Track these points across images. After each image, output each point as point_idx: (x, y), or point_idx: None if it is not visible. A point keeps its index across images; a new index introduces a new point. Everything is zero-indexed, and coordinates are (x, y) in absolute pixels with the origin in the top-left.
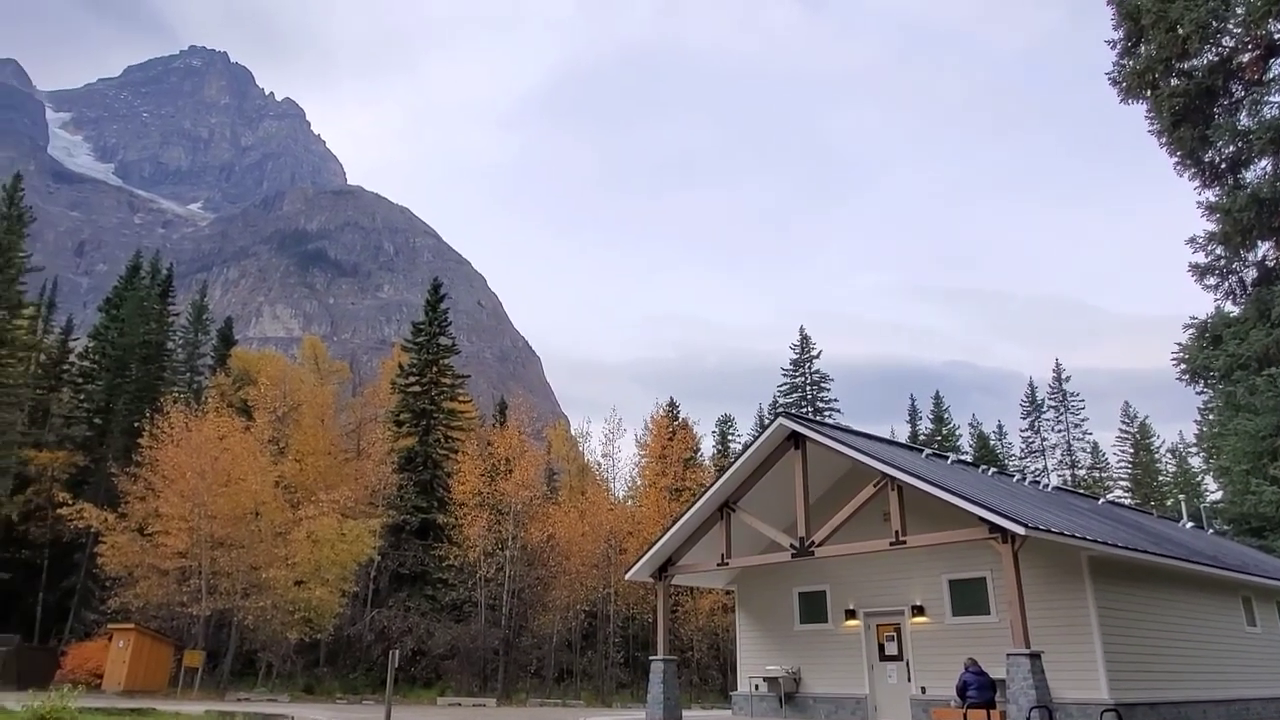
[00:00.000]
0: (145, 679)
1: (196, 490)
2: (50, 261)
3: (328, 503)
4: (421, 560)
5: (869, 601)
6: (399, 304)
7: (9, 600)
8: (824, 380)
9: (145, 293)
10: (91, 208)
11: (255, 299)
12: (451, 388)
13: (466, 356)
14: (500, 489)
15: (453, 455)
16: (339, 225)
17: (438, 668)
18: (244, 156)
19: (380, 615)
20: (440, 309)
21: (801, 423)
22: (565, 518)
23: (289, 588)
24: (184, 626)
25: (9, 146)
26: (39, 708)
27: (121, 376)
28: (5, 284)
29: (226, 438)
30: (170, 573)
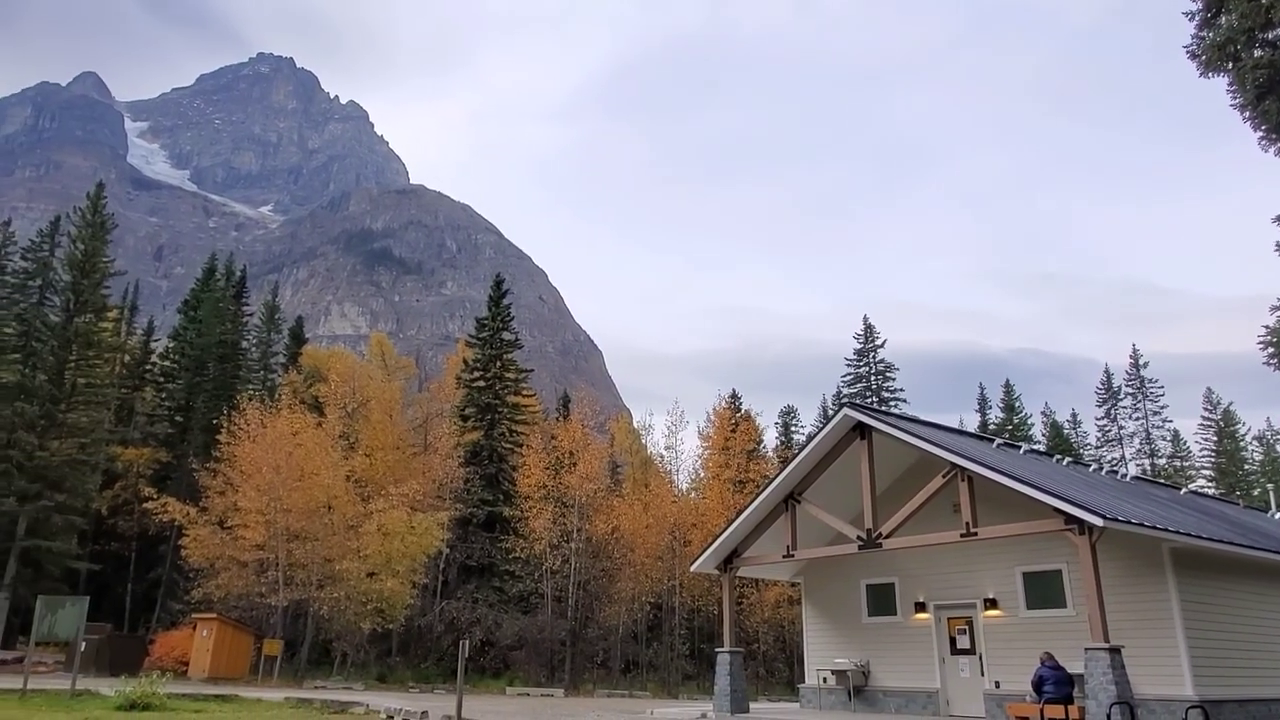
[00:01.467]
0: (228, 666)
1: (272, 484)
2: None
3: (397, 496)
4: (488, 553)
5: (939, 594)
6: (462, 300)
7: (100, 591)
8: (889, 369)
9: (220, 294)
10: (169, 213)
11: (324, 298)
12: (515, 382)
13: (529, 351)
14: (564, 482)
15: (517, 449)
16: (403, 224)
17: (506, 658)
18: (311, 159)
19: (449, 606)
20: (502, 304)
21: (867, 413)
22: (629, 510)
23: (361, 579)
24: (263, 616)
25: (91, 156)
26: (131, 693)
27: (200, 375)
28: (91, 289)
29: (299, 433)
30: (249, 564)
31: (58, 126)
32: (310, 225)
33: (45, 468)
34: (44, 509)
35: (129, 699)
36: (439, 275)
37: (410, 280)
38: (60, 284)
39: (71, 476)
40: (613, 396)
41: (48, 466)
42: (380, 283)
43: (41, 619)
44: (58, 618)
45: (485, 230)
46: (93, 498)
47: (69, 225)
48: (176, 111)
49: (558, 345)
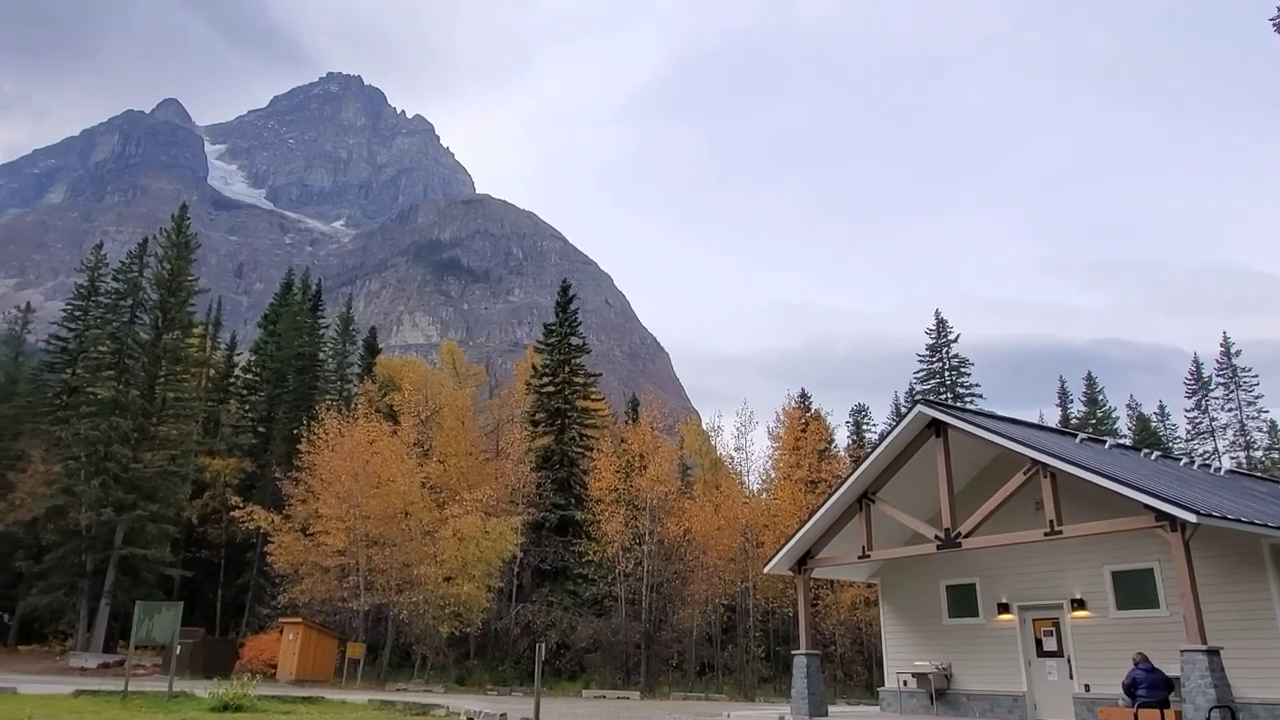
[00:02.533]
0: (314, 669)
1: (351, 492)
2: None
3: (471, 501)
4: (561, 556)
5: (1023, 595)
6: (529, 306)
7: (193, 596)
8: (963, 365)
9: (297, 308)
10: (247, 231)
11: (396, 308)
12: (584, 386)
13: (597, 355)
14: (635, 485)
15: (588, 453)
16: (470, 233)
17: (581, 661)
18: (380, 174)
19: (525, 610)
20: (570, 310)
21: (941, 409)
22: (700, 512)
23: (439, 584)
24: (346, 620)
25: (175, 180)
26: (223, 695)
27: (280, 387)
28: (177, 306)
29: (376, 442)
30: (331, 570)
31: (143, 152)
32: (381, 238)
33: (139, 479)
34: (139, 518)
35: (222, 700)
36: (506, 283)
37: (478, 289)
38: (149, 303)
39: (164, 487)
40: (681, 399)
41: (141, 478)
42: (449, 292)
43: (140, 624)
44: (155, 622)
45: (550, 237)
46: (184, 507)
47: (156, 246)
48: (252, 133)
49: (625, 349)
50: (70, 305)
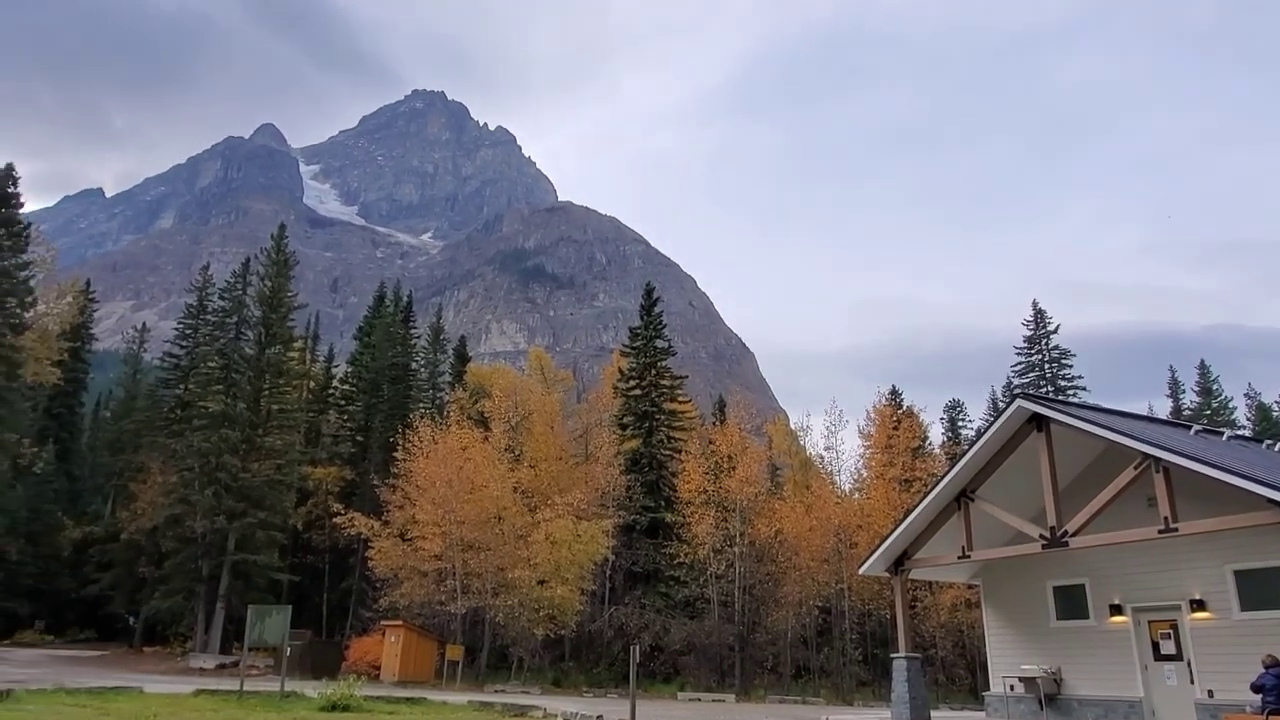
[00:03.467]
0: (415, 670)
1: (446, 498)
2: (311, 298)
3: (562, 505)
4: (653, 559)
5: (1137, 595)
6: (614, 311)
7: (300, 600)
8: (1064, 356)
9: (390, 320)
10: (341, 247)
11: (484, 317)
12: (670, 389)
13: (682, 357)
14: (724, 486)
15: (676, 455)
16: (554, 241)
17: (675, 663)
18: (465, 186)
19: (618, 612)
20: (654, 313)
21: (1042, 403)
22: (791, 513)
23: (533, 587)
24: (444, 623)
25: (273, 201)
26: (331, 695)
27: (376, 397)
28: (279, 322)
29: (468, 448)
30: (429, 574)
31: (243, 176)
32: (468, 248)
33: (248, 488)
34: (249, 525)
35: (330, 700)
36: (591, 288)
37: (564, 295)
38: (253, 319)
39: (270, 495)
40: (768, 399)
41: (250, 487)
42: (535, 299)
43: (252, 626)
44: (266, 625)
45: (633, 241)
46: (290, 514)
47: (257, 265)
48: (344, 152)
49: (710, 350)
50: (181, 324)
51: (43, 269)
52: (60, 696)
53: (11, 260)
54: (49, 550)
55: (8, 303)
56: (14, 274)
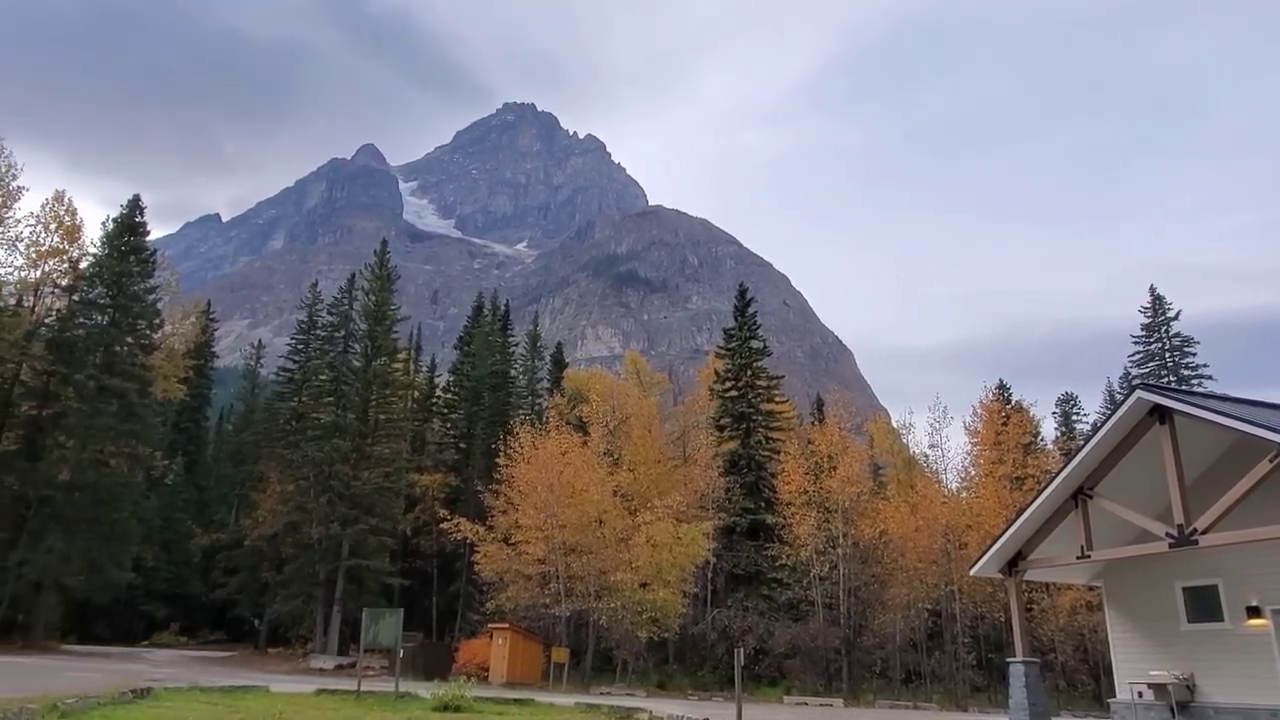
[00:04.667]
0: (522, 672)
1: (547, 502)
2: (413, 310)
3: (662, 508)
4: (754, 560)
5: (1277, 596)
6: (708, 313)
7: (410, 603)
8: (1186, 344)
9: (488, 329)
10: (440, 260)
11: (579, 323)
12: (767, 389)
13: (778, 357)
14: (825, 487)
15: (775, 456)
16: (646, 245)
17: (780, 666)
18: (557, 194)
19: (721, 615)
20: (748, 313)
21: (1164, 394)
22: (896, 513)
23: (635, 589)
24: (549, 625)
25: (375, 218)
26: (443, 696)
27: (477, 405)
28: (383, 334)
29: (568, 453)
30: (533, 577)
31: (347, 196)
32: (561, 256)
33: (359, 495)
34: (361, 532)
35: (442, 701)
36: (684, 291)
37: (657, 298)
38: (359, 333)
39: (380, 502)
40: (868, 397)
41: (361, 494)
42: (629, 303)
43: (368, 629)
44: (380, 627)
45: (724, 242)
46: (399, 520)
47: (362, 281)
48: (440, 168)
49: (806, 349)
50: (293, 340)
51: (168, 292)
52: (195, 695)
53: (141, 285)
54: (181, 557)
55: (138, 325)
56: (143, 298)
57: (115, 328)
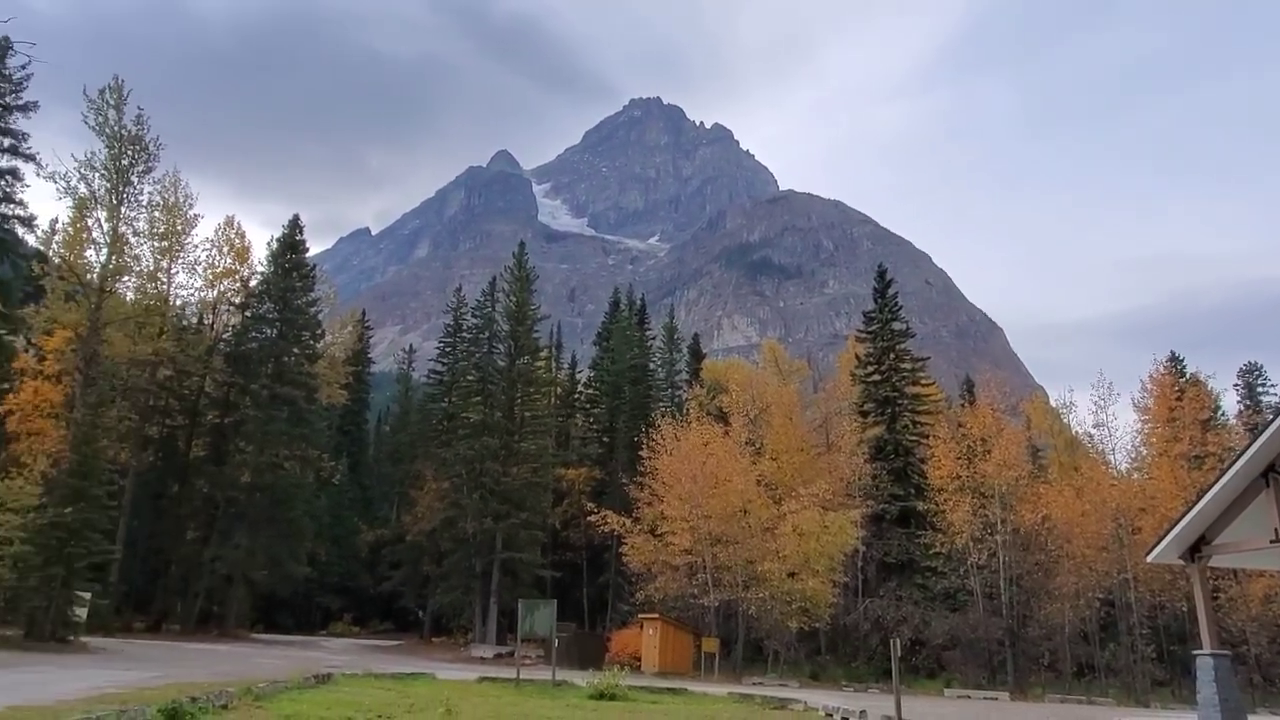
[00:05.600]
0: (673, 662)
1: (691, 493)
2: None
3: (807, 496)
4: (906, 548)
5: None
6: (845, 296)
7: (562, 594)
8: None
9: (626, 324)
10: (575, 258)
11: (714, 313)
12: (911, 372)
13: (922, 338)
14: (980, 471)
15: (923, 440)
16: (778, 231)
17: (939, 658)
18: (687, 186)
19: (873, 605)
20: (888, 295)
21: None
22: (1059, 497)
23: (783, 579)
24: (698, 615)
25: (512, 222)
26: (598, 684)
27: (618, 399)
28: (525, 334)
29: (710, 443)
30: (680, 568)
31: (484, 202)
32: (694, 248)
33: (509, 491)
34: (513, 526)
35: (598, 689)
36: (819, 276)
37: (792, 285)
38: (502, 333)
39: (529, 497)
40: (1021, 375)
41: (511, 489)
42: (764, 291)
43: (523, 619)
44: (535, 618)
45: (859, 223)
46: (548, 514)
47: (502, 283)
48: (571, 168)
49: (952, 329)
50: (441, 343)
51: (327, 304)
52: (369, 681)
53: (303, 299)
54: (349, 552)
55: (303, 336)
56: (306, 311)
57: (283, 339)
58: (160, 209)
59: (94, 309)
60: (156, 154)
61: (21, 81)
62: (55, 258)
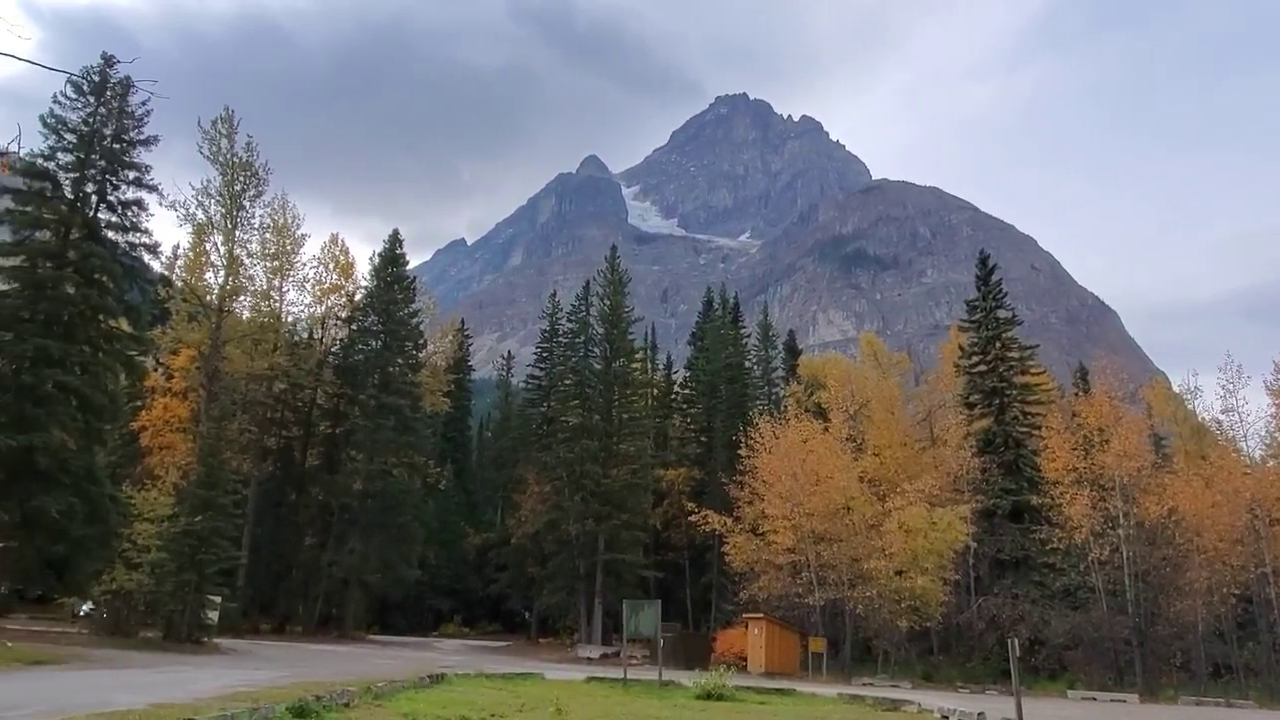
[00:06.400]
0: (780, 662)
1: (792, 491)
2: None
3: (913, 492)
4: (1020, 544)
5: None
6: (945, 286)
7: (664, 594)
8: None
9: (719, 323)
10: (666, 259)
11: (809, 309)
12: (1020, 361)
13: (1029, 326)
14: (1098, 462)
15: (1034, 432)
16: (872, 222)
17: (1060, 658)
18: (776, 181)
19: (988, 603)
20: (991, 281)
21: None
22: (1186, 488)
23: (890, 577)
24: (804, 615)
25: (602, 226)
26: (706, 684)
27: (714, 398)
28: (620, 336)
29: (809, 441)
30: (783, 567)
31: (575, 208)
32: (785, 243)
33: (609, 492)
34: (614, 527)
35: (705, 689)
36: (917, 265)
37: (888, 276)
38: (597, 337)
39: (630, 498)
40: (1139, 360)
41: (611, 491)
42: (859, 284)
43: (628, 619)
44: (640, 618)
45: (958, 209)
46: (648, 515)
47: (595, 287)
48: (659, 169)
49: (1061, 314)
50: (538, 349)
51: (428, 315)
52: (481, 680)
53: (405, 311)
54: (457, 555)
55: (406, 346)
56: (408, 322)
57: (387, 350)
58: (270, 230)
59: (214, 328)
60: (265, 178)
61: (143, 117)
62: (178, 281)
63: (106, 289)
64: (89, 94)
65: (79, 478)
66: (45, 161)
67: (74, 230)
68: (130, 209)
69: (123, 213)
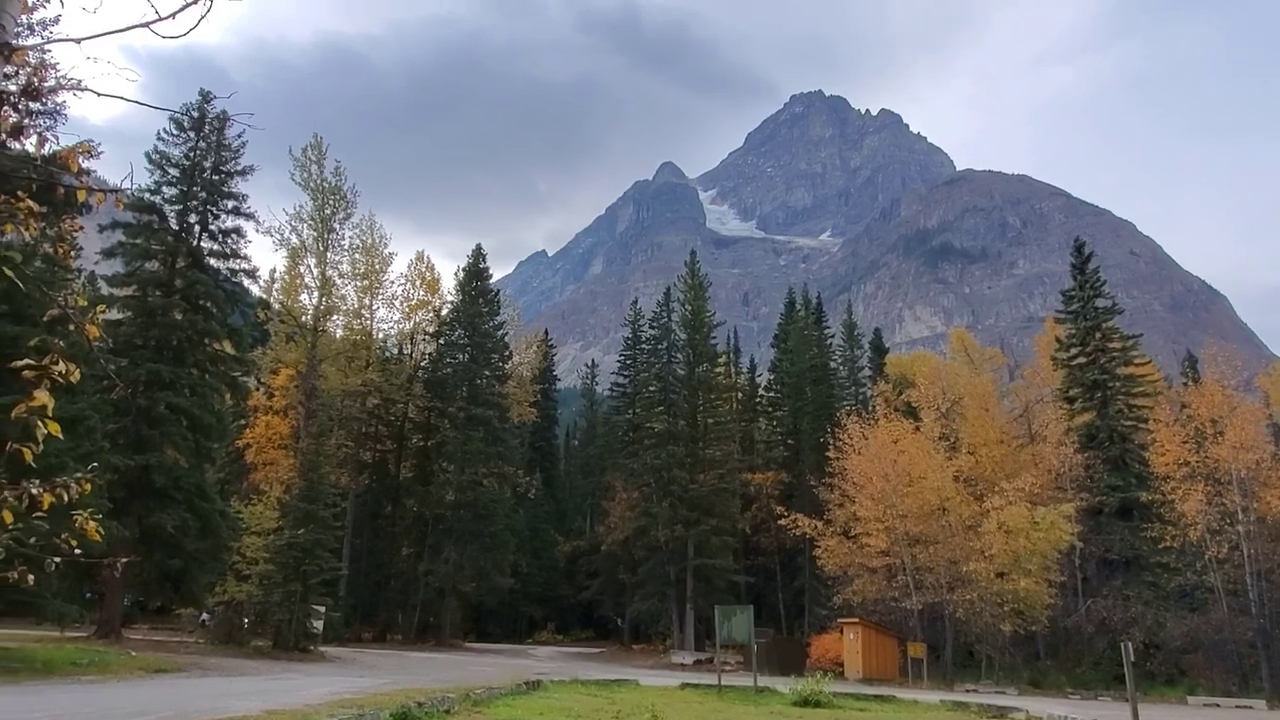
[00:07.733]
0: (878, 668)
1: (884, 492)
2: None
3: (1012, 491)
4: (1130, 543)
5: None
6: (1038, 276)
7: (756, 599)
8: None
9: (802, 323)
10: (746, 262)
11: (894, 306)
12: (1122, 351)
13: (1131, 314)
14: (1212, 455)
15: (1141, 425)
16: (957, 214)
17: (1178, 663)
18: (855, 177)
19: (1096, 605)
20: (1088, 270)
21: None
22: None
23: (991, 580)
24: (901, 619)
25: (681, 231)
26: (802, 691)
27: (800, 400)
28: (702, 341)
29: (900, 440)
30: (878, 570)
31: (653, 215)
32: (867, 240)
33: (697, 497)
34: (703, 532)
35: (802, 696)
36: (1007, 256)
37: (977, 269)
38: (679, 342)
39: (718, 503)
40: (1253, 346)
41: (699, 496)
42: (946, 279)
43: (721, 625)
44: (732, 624)
45: (1049, 196)
46: (737, 519)
47: (676, 293)
48: (735, 172)
49: (1165, 301)
50: (621, 356)
51: (512, 327)
52: (576, 687)
53: (490, 323)
54: (549, 563)
55: (492, 359)
56: (493, 334)
57: (474, 363)
58: (360, 251)
59: (310, 347)
60: (354, 200)
61: (239, 149)
62: (275, 303)
63: (211, 314)
64: (189, 129)
65: (191, 494)
66: (151, 195)
67: (179, 259)
68: (230, 237)
69: (223, 240)
